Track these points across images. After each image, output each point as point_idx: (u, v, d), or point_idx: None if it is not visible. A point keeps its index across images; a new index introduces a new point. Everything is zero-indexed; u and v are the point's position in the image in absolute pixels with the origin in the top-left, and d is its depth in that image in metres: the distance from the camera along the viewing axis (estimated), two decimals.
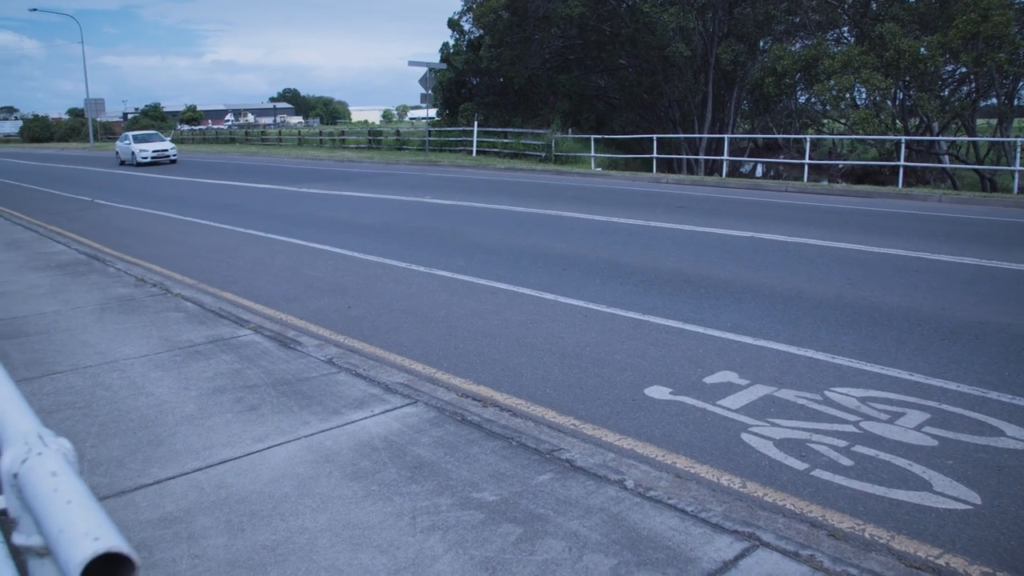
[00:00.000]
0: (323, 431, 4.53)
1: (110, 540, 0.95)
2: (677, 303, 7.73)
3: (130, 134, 40.34)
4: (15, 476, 1.18)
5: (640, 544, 3.35)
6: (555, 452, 4.28)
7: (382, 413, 4.80)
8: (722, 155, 26.53)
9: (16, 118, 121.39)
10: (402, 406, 4.92)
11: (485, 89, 41.11)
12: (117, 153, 39.98)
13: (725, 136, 27.71)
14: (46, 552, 1.23)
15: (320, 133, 57.28)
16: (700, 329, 6.82)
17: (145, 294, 8.31)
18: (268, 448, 4.33)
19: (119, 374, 5.64)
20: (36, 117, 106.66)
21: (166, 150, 37.84)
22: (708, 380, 5.59)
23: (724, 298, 7.92)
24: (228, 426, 4.64)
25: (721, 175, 25.89)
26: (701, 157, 32.61)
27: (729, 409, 5.07)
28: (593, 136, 30.03)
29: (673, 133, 34.36)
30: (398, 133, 45.78)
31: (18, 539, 1.23)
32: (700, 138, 34.14)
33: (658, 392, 5.39)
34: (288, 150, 46.71)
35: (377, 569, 3.18)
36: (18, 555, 3.26)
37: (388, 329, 7.08)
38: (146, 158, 36.68)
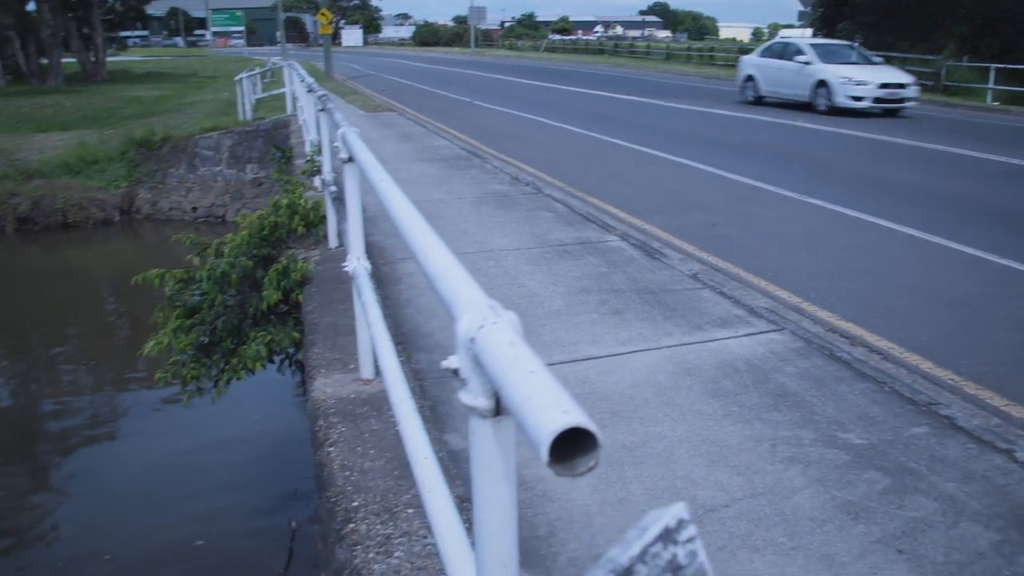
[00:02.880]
0: (685, 344, 4.52)
1: (578, 415, 0.95)
2: None
3: (806, 44, 20.56)
4: (472, 340, 1.24)
5: None
6: (932, 405, 3.92)
7: (746, 335, 4.68)
8: None
9: (410, 24, 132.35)
10: (767, 331, 4.75)
11: (868, 6, 37.65)
12: (750, 81, 21.17)
13: None
14: (489, 414, 1.29)
15: (688, 48, 56.27)
16: None
17: (518, 192, 8.77)
18: (630, 352, 4.39)
19: (494, 263, 6.02)
20: (426, 23, 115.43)
21: (902, 85, 18.38)
22: None
23: None
24: (593, 326, 4.78)
25: None
26: None
27: None
28: (994, 65, 26.57)
29: None
30: None
31: (465, 398, 1.29)
32: None
33: None
34: (655, 64, 46.55)
35: (733, 489, 3.12)
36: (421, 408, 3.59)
37: (753, 252, 6.88)
38: (860, 100, 17.87)
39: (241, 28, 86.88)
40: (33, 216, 17.42)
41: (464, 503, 2.79)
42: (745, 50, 46.45)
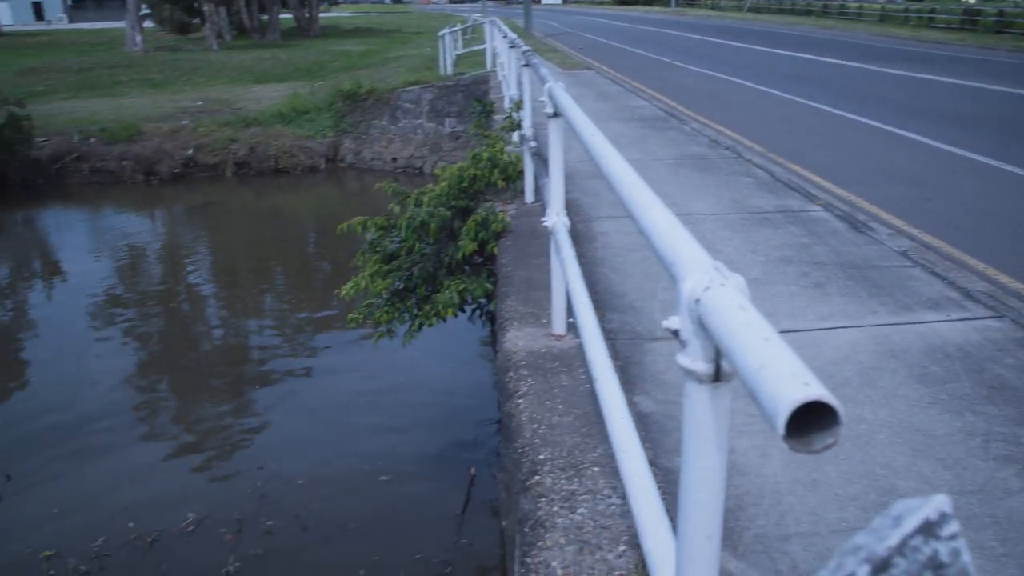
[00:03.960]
0: (890, 324, 4.26)
1: (819, 388, 0.90)
2: None
3: None
4: (697, 302, 1.20)
5: None
6: None
7: (959, 320, 4.35)
8: None
9: None
10: (984, 317, 4.40)
11: None
12: None
13: None
14: (707, 380, 1.25)
15: (905, 10, 52.54)
16: None
17: (717, 155, 8.52)
18: (831, 328, 4.19)
19: (691, 227, 5.79)
20: None
21: None
22: None
23: None
24: (792, 298, 4.59)
25: None
26: None
27: None
28: None
29: None
30: (1001, 13, 40.05)
31: (684, 361, 1.26)
32: None
33: None
34: (867, 26, 43.82)
35: (938, 483, 2.93)
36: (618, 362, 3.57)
37: (968, 230, 6.39)
38: None
39: None
40: (249, 161, 18.66)
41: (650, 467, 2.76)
42: (970, 10, 42.86)
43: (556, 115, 3.72)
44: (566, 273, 3.23)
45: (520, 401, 3.46)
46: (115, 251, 14.26)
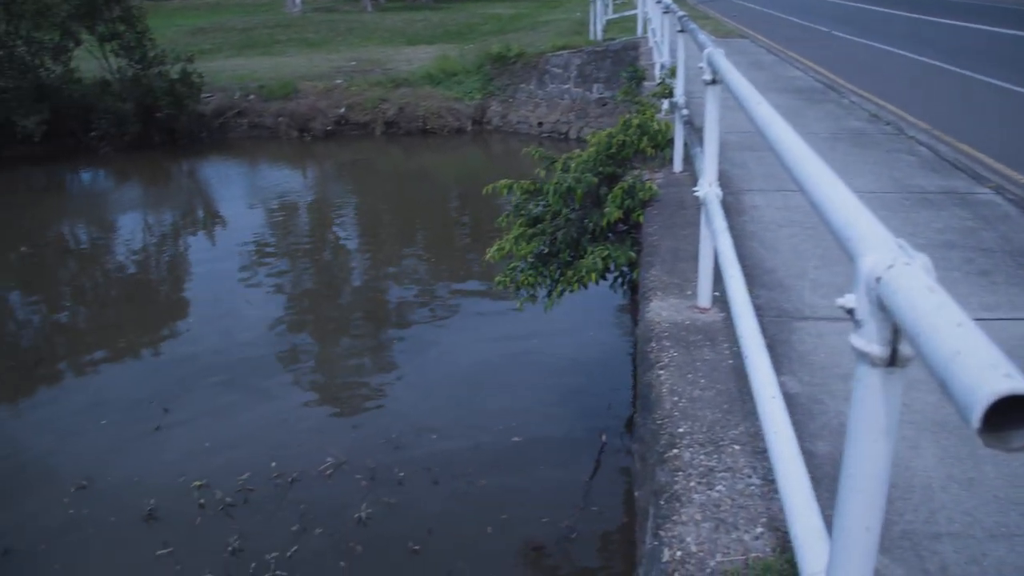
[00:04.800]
0: None
1: (1021, 381, 0.83)
2: None
3: None
4: (877, 280, 1.13)
5: None
6: None
7: None
8: None
9: None
10: None
11: None
12: None
13: None
14: (881, 364, 1.18)
15: None
16: None
17: (877, 131, 8.11)
18: (997, 319, 3.94)
19: None
20: None
21: None
22: None
23: None
24: (954, 285, 4.33)
25: None
26: None
27: None
28: None
29: None
30: None
31: (857, 342, 1.20)
32: None
33: None
34: None
35: None
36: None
37: None
38: None
39: None
40: (398, 121, 19.08)
41: None
42: None
43: (714, 82, 3.61)
44: (716, 245, 3.15)
45: (661, 372, 3.42)
46: (268, 203, 14.91)
